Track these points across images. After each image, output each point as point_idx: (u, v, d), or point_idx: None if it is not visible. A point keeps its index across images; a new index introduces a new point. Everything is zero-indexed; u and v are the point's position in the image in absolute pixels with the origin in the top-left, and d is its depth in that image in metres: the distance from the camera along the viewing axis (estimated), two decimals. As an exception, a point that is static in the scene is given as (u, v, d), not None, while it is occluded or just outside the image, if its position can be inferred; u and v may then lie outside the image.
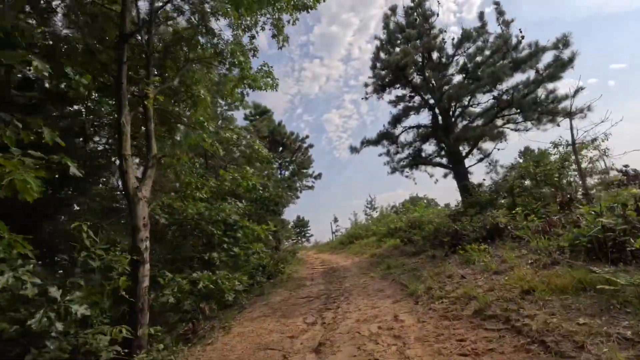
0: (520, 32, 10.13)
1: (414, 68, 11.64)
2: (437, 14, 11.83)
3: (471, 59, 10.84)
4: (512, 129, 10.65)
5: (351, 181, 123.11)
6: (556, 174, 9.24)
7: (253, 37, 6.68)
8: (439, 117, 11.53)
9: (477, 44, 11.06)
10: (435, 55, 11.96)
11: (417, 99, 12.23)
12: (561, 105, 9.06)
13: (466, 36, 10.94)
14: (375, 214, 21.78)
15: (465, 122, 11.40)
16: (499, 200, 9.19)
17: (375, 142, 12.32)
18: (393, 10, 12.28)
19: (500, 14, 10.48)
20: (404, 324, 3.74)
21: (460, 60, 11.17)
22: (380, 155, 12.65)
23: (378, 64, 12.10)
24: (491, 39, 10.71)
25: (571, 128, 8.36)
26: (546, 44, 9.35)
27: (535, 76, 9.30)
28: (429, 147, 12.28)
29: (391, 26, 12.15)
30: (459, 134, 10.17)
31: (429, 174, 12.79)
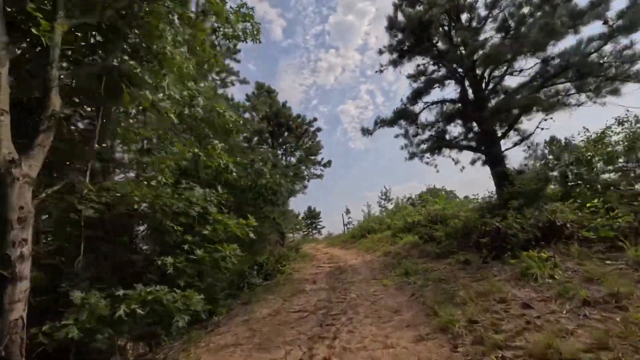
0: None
1: (439, 31, 9.68)
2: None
3: (512, 15, 8.77)
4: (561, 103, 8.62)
5: (366, 172, 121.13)
6: (622, 157, 7.41)
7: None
8: (469, 91, 9.60)
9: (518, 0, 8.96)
10: (464, 17, 9.95)
11: (442, 70, 10.28)
12: (636, 67, 6.97)
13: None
14: (390, 206, 20.28)
15: (499, 98, 9.43)
16: (545, 190, 7.38)
17: (392, 122, 10.48)
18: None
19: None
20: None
21: (499, 16, 9.08)
22: (396, 137, 10.81)
23: (395, 27, 10.16)
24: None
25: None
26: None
27: (602, 30, 7.18)
28: (454, 129, 10.36)
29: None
30: (499, 104, 8.25)
31: (453, 159, 10.80)
